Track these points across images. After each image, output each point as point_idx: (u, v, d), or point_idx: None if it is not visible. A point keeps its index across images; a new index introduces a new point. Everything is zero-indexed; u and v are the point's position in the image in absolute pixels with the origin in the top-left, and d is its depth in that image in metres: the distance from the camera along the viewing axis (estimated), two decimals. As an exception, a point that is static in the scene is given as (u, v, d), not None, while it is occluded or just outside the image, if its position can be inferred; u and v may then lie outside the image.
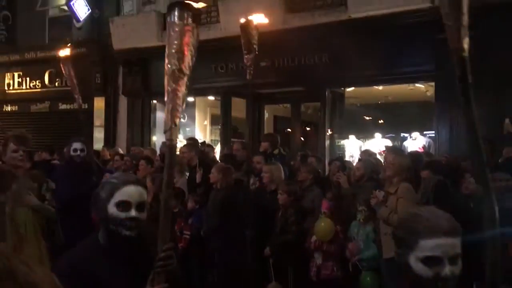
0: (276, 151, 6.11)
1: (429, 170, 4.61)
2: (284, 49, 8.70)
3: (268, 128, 11.11)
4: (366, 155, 6.46)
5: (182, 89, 1.99)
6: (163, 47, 7.39)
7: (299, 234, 4.67)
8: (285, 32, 8.42)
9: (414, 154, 6.10)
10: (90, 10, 10.87)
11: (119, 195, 1.92)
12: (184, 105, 2.04)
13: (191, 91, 7.85)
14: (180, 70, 1.97)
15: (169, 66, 1.98)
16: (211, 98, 11.13)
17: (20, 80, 12.12)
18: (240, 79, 9.47)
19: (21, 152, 3.64)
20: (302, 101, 10.25)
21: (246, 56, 4.34)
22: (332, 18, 8.10)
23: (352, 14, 7.79)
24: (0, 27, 12.06)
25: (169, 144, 1.92)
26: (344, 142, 9.33)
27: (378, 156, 7.11)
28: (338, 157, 7.65)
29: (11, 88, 12.39)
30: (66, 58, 5.22)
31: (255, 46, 4.29)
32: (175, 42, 1.96)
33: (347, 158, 8.44)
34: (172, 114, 1.94)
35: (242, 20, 4.35)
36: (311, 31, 8.24)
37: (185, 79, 2.00)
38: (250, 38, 4.27)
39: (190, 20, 1.96)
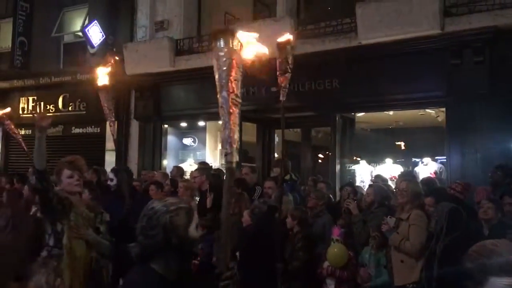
0: (287, 177, 6.11)
1: (433, 197, 4.59)
2: (294, 74, 8.71)
3: (278, 152, 11.13)
4: (379, 180, 6.43)
5: (237, 113, 2.10)
6: (175, 72, 7.67)
7: (308, 261, 4.62)
8: (296, 58, 8.49)
9: (427, 180, 6.06)
10: (104, 36, 11.10)
11: (195, 218, 1.99)
12: (237, 133, 2.10)
13: (202, 115, 8.03)
14: (236, 95, 2.08)
15: (224, 93, 2.06)
16: (221, 122, 11.19)
17: (34, 104, 12.33)
18: (250, 104, 9.55)
19: (76, 177, 3.61)
20: (312, 126, 10.28)
21: (281, 77, 4.16)
22: (342, 44, 8.17)
23: (362, 41, 7.86)
24: (16, 53, 12.32)
25: (229, 167, 2.02)
26: (354, 167, 9.30)
27: (389, 182, 7.07)
28: (349, 183, 7.62)
29: (25, 112, 12.60)
30: (103, 86, 5.21)
31: (290, 65, 4.13)
32: (225, 68, 2.06)
33: (358, 184, 8.39)
34: (231, 139, 2.03)
35: (280, 39, 4.14)
36: (322, 57, 8.32)
37: (239, 104, 2.10)
38: (287, 57, 4.11)
39: (236, 45, 2.06)
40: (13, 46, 12.36)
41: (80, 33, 11.58)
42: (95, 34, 11.04)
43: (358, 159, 9.48)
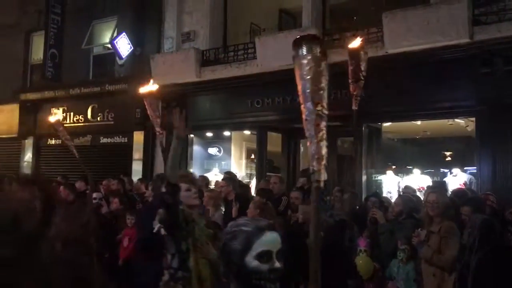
0: (313, 187, 6.06)
1: (469, 207, 4.48)
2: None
3: (304, 162, 11.08)
4: (408, 191, 6.32)
5: (324, 127, 1.91)
6: (201, 83, 7.68)
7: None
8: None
9: (459, 191, 5.94)
10: (132, 48, 11.31)
11: (259, 245, 1.68)
12: (325, 148, 1.92)
13: (227, 125, 8.05)
14: (323, 107, 1.91)
15: (308, 104, 1.88)
16: (247, 132, 11.23)
17: (64, 115, 12.62)
18: (275, 114, 9.57)
19: (194, 190, 3.45)
20: (338, 136, 10.21)
21: (353, 85, 3.92)
22: (369, 53, 8.11)
23: (389, 50, 7.80)
24: (47, 65, 12.66)
25: (317, 186, 1.83)
26: (381, 177, 9.18)
27: (418, 193, 6.95)
28: (374, 193, 7.52)
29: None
30: (149, 93, 4.96)
31: (364, 72, 3.88)
32: (308, 77, 1.89)
33: (384, 194, 8.28)
34: (318, 155, 1.86)
35: (352, 44, 3.91)
36: (347, 66, 8.28)
37: (326, 117, 1.91)
38: (359, 63, 3.88)
39: (319, 53, 1.88)
40: (44, 58, 12.72)
41: (109, 45, 11.83)
42: (123, 45, 11.27)
43: (387, 170, 9.35)
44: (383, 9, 8.04)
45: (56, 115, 5.97)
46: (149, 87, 4.84)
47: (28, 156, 13.57)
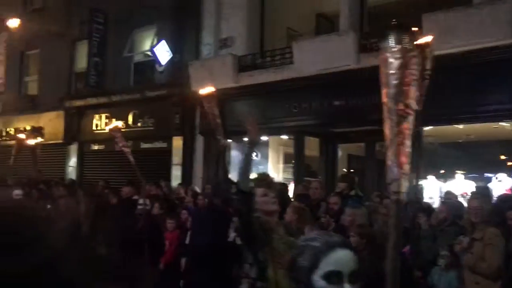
0: (352, 192, 6.00)
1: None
2: (358, 88, 8.67)
3: (342, 167, 10.97)
4: (450, 197, 6.16)
5: (409, 129, 1.59)
6: (239, 88, 7.68)
7: (377, 279, 4.48)
8: (359, 71, 8.41)
9: (504, 196, 5.74)
10: (171, 55, 11.55)
11: (327, 264, 1.51)
12: (406, 157, 1.60)
13: (264, 130, 8.01)
14: (407, 105, 1.60)
15: (391, 102, 1.61)
16: (284, 137, 11.23)
17: (107, 121, 12.99)
18: (313, 119, 9.53)
19: (272, 195, 3.23)
20: (376, 140, 10.05)
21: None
22: (407, 56, 7.98)
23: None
24: (91, 73, 13.10)
25: (396, 199, 1.57)
26: (422, 182, 8.97)
27: (460, 198, 6.76)
28: (416, 198, 7.36)
29: (98, 128, 13.30)
30: (209, 96, 4.87)
31: (429, 71, 3.84)
32: (393, 71, 1.63)
33: (426, 200, 8.09)
34: (399, 162, 1.59)
35: (419, 41, 3.80)
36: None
37: (412, 117, 1.60)
38: (424, 62, 3.79)
39: (411, 45, 1.60)
40: (88, 66, 13.17)
41: (149, 53, 12.12)
42: (163, 53, 11.52)
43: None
44: (423, 11, 7.88)
45: (114, 122, 6.02)
46: (208, 89, 4.85)
47: (72, 161, 14.05)
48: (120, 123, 6.09)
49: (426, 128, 9.31)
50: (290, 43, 9.77)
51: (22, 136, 7.07)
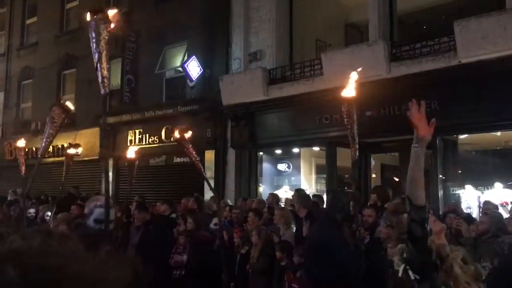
0: (387, 204, 5.90)
1: None
2: (389, 97, 8.58)
3: (375, 177, 10.82)
4: (490, 207, 5.97)
5: None
6: (269, 101, 7.73)
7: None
8: (391, 81, 8.33)
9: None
10: (202, 70, 11.72)
11: None
12: None
13: (296, 142, 7.99)
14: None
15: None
16: (316, 148, 11.18)
17: (140, 136, 13.26)
18: (344, 129, 9.45)
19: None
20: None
21: None
22: (440, 64, 7.85)
23: (463, 59, 7.49)
24: (124, 90, 13.43)
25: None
26: (459, 191, 8.73)
27: (500, 209, 6.54)
28: (453, 209, 7.17)
29: (132, 144, 13.57)
30: (351, 99, 4.57)
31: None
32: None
33: (464, 210, 7.86)
34: None
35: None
36: (418, 78, 8.05)
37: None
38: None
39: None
40: (121, 83, 13.51)
41: (180, 69, 12.34)
42: (194, 68, 11.71)
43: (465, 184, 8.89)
44: (454, 17, 7.76)
45: (183, 131, 5.81)
46: (350, 92, 4.52)
47: (108, 176, 14.37)
48: (188, 133, 5.83)
49: (462, 136, 9.11)
50: (319, 55, 9.77)
51: (72, 151, 7.23)
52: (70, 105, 5.17)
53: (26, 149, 13.40)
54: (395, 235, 3.98)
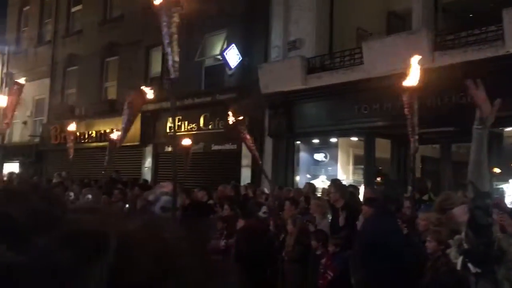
0: (425, 197, 5.80)
1: None
2: (432, 88, 8.34)
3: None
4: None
5: None
6: (307, 90, 7.68)
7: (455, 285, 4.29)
8: (434, 71, 8.10)
9: None
10: (240, 58, 11.76)
11: None
12: None
13: (334, 132, 7.85)
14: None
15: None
16: (354, 138, 11.06)
17: (179, 124, 13.47)
18: (384, 120, 9.31)
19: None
20: (452, 141, 9.63)
21: None
22: (487, 54, 7.58)
23: (511, 49, 7.20)
24: (165, 77, 13.65)
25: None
26: (503, 186, 8.47)
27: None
28: (497, 204, 6.95)
29: (172, 131, 13.81)
30: (413, 88, 4.43)
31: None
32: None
33: (509, 205, 7.62)
34: None
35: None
36: (462, 68, 7.80)
37: None
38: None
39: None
40: (162, 71, 13.73)
41: (219, 57, 12.42)
42: (233, 56, 11.76)
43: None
44: (503, 5, 7.46)
45: (230, 115, 5.85)
46: (413, 81, 4.34)
47: (148, 162, 14.71)
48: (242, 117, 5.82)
49: (508, 129, 8.80)
50: (360, 44, 9.61)
51: (114, 136, 7.44)
52: (147, 90, 5.19)
53: (78, 133, 13.88)
54: (445, 233, 3.87)
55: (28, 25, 20.79)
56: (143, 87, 5.21)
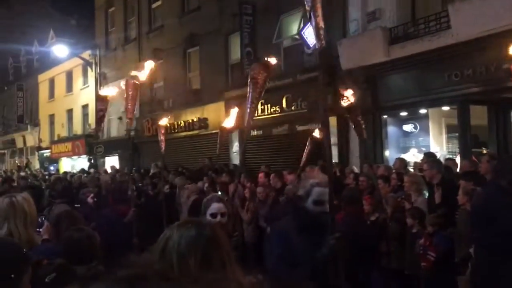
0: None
1: None
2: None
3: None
4: None
5: None
6: (391, 61, 7.39)
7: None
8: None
9: None
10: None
11: None
12: None
13: (423, 103, 7.49)
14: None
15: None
16: (445, 108, 10.47)
17: (263, 107, 13.62)
18: (478, 86, 8.72)
19: None
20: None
21: None
22: None
23: None
24: (244, 63, 13.80)
25: None
26: None
27: None
28: None
29: (256, 115, 14.00)
30: None
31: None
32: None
33: None
34: None
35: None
36: None
37: None
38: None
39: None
40: (241, 57, 13.91)
41: (297, 36, 12.30)
42: (311, 35, 11.57)
43: None
44: None
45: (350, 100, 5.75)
46: None
47: (235, 146, 15.09)
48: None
49: None
50: (446, 7, 9.01)
51: (225, 125, 7.62)
52: (271, 60, 4.88)
53: (169, 125, 14.60)
54: None
55: (114, 26, 22.01)
56: (266, 58, 4.89)
